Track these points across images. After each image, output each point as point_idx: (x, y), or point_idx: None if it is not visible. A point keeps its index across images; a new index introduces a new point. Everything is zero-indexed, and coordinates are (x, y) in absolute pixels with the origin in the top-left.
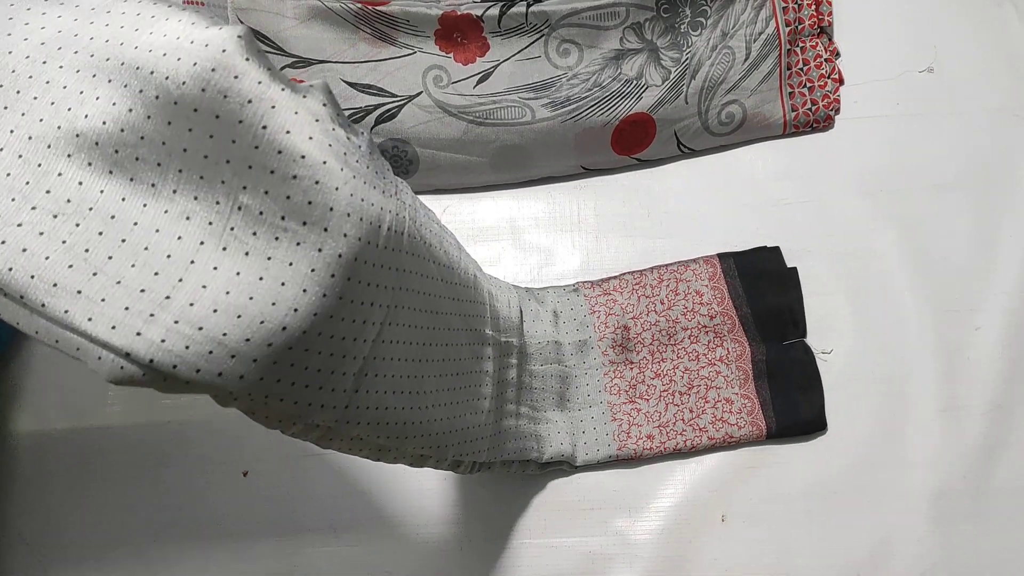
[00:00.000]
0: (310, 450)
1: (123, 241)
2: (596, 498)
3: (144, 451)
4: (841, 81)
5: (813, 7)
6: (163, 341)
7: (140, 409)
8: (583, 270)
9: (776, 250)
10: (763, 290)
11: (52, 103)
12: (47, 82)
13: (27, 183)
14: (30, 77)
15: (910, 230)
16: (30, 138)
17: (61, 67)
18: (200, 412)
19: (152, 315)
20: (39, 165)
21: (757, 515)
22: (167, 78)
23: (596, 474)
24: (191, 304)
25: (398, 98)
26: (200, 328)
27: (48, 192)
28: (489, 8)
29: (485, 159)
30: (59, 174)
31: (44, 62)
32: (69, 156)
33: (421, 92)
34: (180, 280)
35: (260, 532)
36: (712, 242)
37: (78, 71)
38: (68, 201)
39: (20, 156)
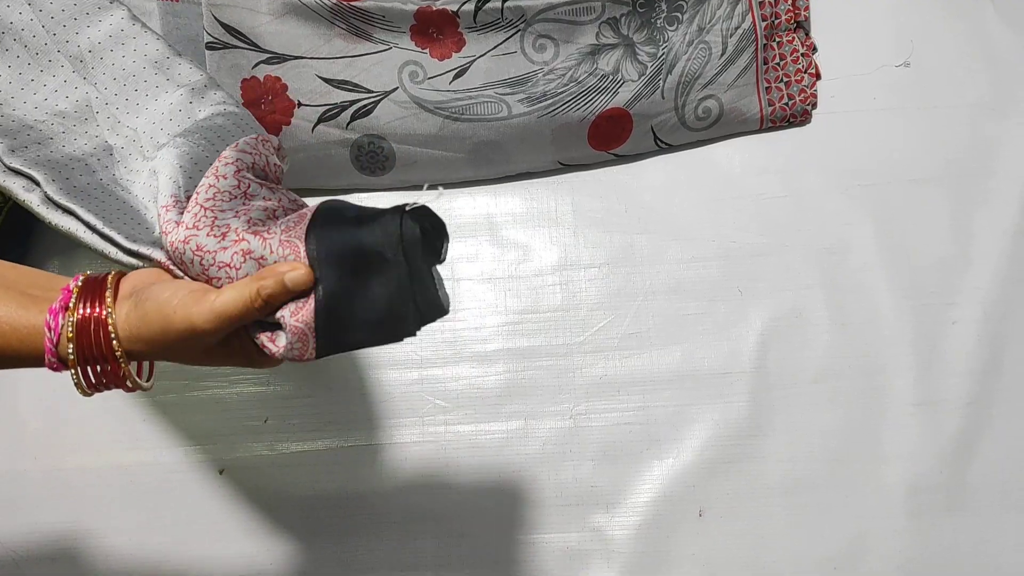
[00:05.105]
0: (287, 448)
1: None
2: (573, 493)
3: (120, 448)
4: (818, 76)
5: (789, 2)
6: None
7: (115, 405)
8: (561, 265)
9: None
10: None
11: None
12: None
13: None
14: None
15: (887, 224)
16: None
17: None
18: (177, 408)
19: None
20: None
21: (734, 510)
22: None
23: (573, 470)
24: None
25: (374, 94)
26: None
27: None
28: (465, 3)
29: (462, 155)
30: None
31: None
32: None
33: (397, 88)
34: None
35: (236, 530)
36: (689, 237)
37: None
38: None
39: None
